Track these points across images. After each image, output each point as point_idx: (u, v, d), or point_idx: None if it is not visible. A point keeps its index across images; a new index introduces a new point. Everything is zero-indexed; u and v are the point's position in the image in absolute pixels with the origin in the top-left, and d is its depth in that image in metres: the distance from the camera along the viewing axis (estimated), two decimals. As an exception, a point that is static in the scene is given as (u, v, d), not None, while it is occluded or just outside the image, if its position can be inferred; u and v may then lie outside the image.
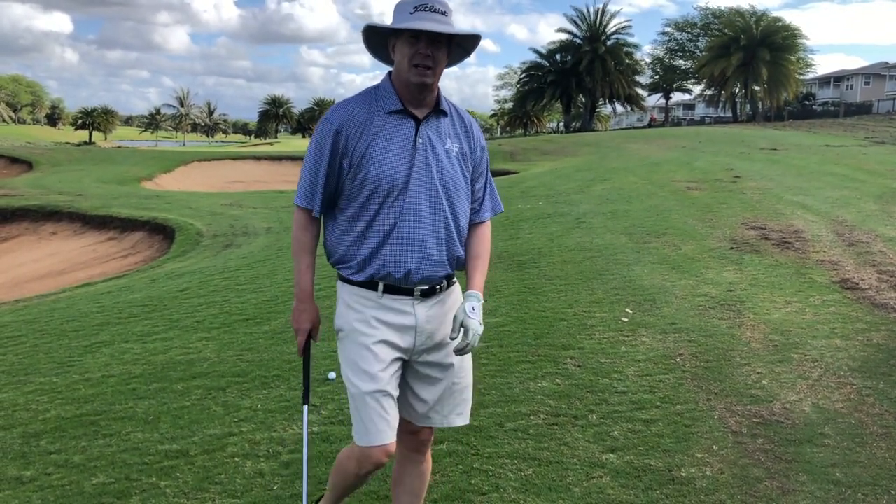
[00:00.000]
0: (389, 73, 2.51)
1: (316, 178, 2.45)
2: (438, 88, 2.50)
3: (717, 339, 5.18)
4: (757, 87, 56.60)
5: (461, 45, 2.51)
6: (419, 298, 2.50)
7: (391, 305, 2.48)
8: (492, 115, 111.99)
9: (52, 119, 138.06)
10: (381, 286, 2.47)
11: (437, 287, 2.53)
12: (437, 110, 2.51)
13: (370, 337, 2.44)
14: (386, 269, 2.44)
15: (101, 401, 4.62)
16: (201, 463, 3.66)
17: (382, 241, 2.43)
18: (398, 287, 2.47)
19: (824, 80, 72.03)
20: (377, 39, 2.51)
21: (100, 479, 3.56)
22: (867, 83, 67.17)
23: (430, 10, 2.36)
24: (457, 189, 2.53)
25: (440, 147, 2.50)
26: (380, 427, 2.42)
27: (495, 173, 21.87)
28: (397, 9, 2.42)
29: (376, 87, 2.52)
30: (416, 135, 2.45)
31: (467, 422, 2.69)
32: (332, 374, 4.78)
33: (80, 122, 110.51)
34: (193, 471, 3.58)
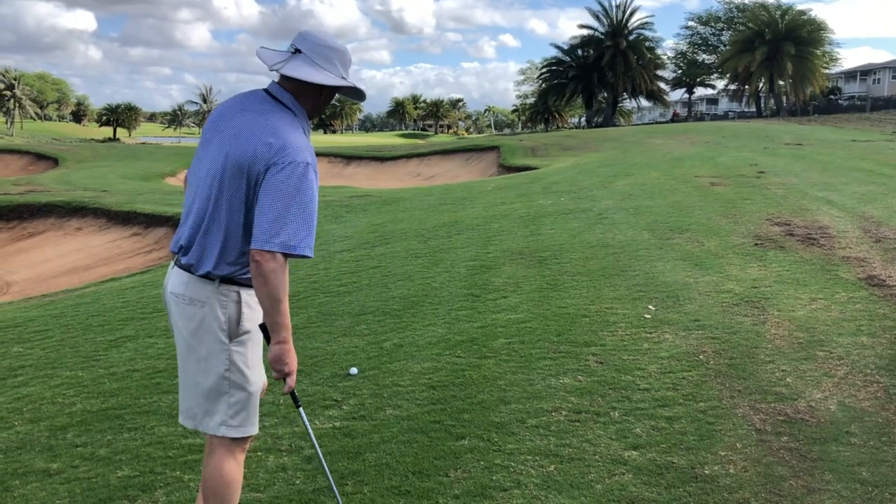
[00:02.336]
0: (294, 97, 2.66)
1: (314, 224, 2.52)
2: None
3: (740, 336, 5.13)
4: (782, 82, 55.88)
5: None
6: None
7: None
8: (513, 111, 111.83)
9: (78, 116, 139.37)
10: None
11: None
12: None
13: (260, 335, 2.66)
14: None
15: (126, 395, 4.68)
16: (224, 457, 3.69)
17: None
18: None
19: (850, 74, 70.95)
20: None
21: (125, 471, 3.60)
22: (895, 77, 66.10)
23: None
24: None
25: None
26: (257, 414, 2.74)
27: (517, 168, 21.71)
28: (348, 62, 2.69)
29: (295, 116, 2.64)
30: None
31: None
32: (354, 370, 4.81)
33: (104, 118, 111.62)
34: (217, 465, 3.61)
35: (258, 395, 2.69)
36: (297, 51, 2.63)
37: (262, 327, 2.57)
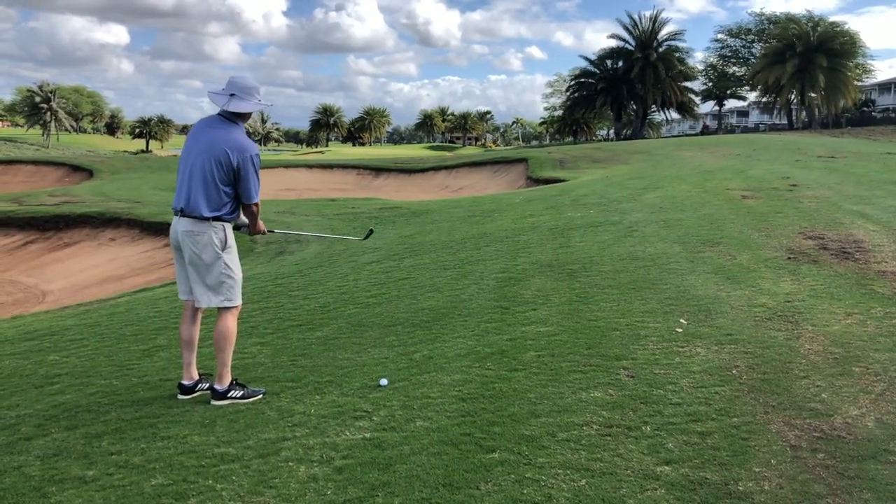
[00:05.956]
0: (238, 117, 4.75)
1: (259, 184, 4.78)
2: None
3: (774, 351, 5.07)
4: (813, 94, 55.15)
5: None
6: None
7: None
8: (541, 123, 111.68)
9: (111, 128, 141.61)
10: None
11: None
12: None
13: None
14: None
15: (160, 404, 4.74)
16: (256, 467, 3.72)
17: None
18: None
19: (885, 86, 69.93)
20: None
21: (158, 480, 3.64)
22: (931, 89, 64.99)
23: None
24: None
25: None
26: None
27: (545, 180, 21.68)
28: (260, 89, 4.74)
29: (240, 126, 4.73)
30: None
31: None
32: (384, 381, 4.81)
33: (137, 131, 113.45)
34: (249, 474, 3.64)
35: (241, 281, 4.78)
36: (233, 94, 4.62)
37: (237, 227, 4.84)
